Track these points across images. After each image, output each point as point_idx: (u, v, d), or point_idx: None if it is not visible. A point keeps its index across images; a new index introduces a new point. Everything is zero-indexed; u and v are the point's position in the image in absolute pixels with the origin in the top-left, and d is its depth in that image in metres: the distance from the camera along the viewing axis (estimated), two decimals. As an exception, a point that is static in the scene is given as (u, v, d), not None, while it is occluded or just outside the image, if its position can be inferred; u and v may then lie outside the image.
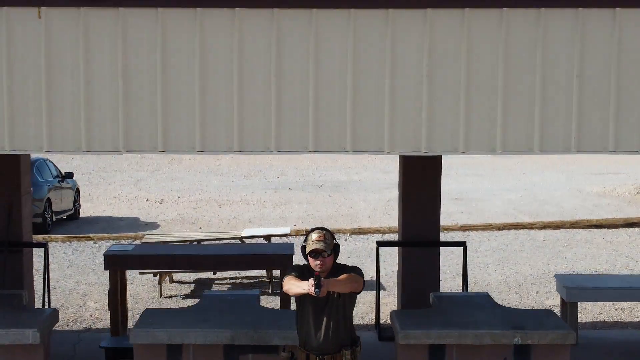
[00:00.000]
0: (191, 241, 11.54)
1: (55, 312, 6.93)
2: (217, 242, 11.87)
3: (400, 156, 9.11)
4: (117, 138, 5.59)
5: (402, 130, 5.64)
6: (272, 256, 8.83)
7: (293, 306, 6.54)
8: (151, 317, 6.47)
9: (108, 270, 8.71)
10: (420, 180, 8.96)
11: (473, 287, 11.58)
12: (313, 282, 5.30)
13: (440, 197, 9.20)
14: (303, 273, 5.59)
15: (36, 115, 5.56)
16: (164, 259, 8.91)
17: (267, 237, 11.74)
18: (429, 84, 5.60)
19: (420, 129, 5.64)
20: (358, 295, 5.70)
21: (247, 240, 12.13)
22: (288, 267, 6.01)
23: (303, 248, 5.60)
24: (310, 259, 5.54)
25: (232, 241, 11.75)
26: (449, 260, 13.09)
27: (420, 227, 9.18)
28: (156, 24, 5.51)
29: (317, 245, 5.47)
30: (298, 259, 8.84)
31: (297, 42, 5.56)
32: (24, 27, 5.50)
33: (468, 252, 14.44)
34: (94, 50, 5.53)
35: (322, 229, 5.63)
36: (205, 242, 11.85)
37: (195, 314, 6.53)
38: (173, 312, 6.70)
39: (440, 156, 8.64)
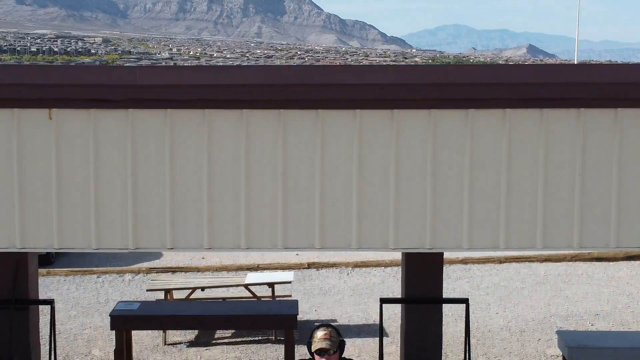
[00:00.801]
0: (194, 288, 11.63)
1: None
2: (221, 285, 11.98)
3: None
4: (126, 236, 5.68)
5: (406, 228, 5.74)
6: (276, 317, 8.92)
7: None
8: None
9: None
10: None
11: (475, 334, 11.66)
12: (320, 378, 5.41)
13: (443, 254, 9.28)
14: (309, 368, 5.68)
15: (46, 213, 5.65)
16: (170, 319, 9.00)
17: (271, 284, 11.84)
18: (433, 182, 5.69)
19: (425, 226, 5.73)
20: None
21: (249, 283, 12.18)
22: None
23: (309, 345, 5.69)
24: (316, 356, 5.62)
25: (235, 287, 11.89)
26: (450, 300, 13.15)
27: (423, 283, 9.27)
28: (165, 124, 5.61)
29: (323, 344, 5.56)
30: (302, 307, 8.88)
31: (302, 142, 5.66)
32: (35, 128, 5.59)
33: (469, 289, 14.62)
34: (104, 150, 5.62)
35: (328, 326, 5.71)
36: (209, 285, 11.95)
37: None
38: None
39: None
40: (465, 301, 9.75)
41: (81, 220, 5.65)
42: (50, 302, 9.53)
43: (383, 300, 9.64)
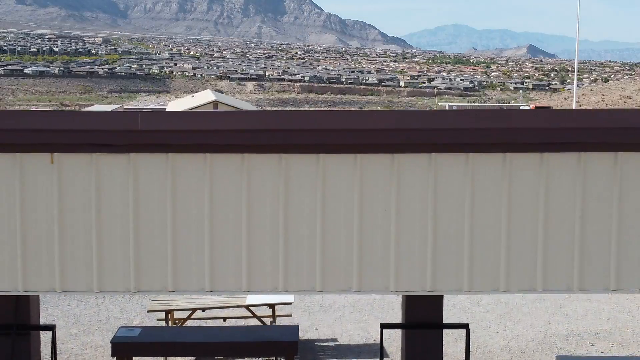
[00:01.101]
0: (195, 309, 11.65)
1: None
2: (221, 308, 12.00)
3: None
4: (128, 279, 5.70)
5: (407, 271, 5.76)
6: (277, 343, 8.93)
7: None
8: None
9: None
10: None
11: (475, 354, 11.68)
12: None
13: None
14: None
15: (48, 257, 5.67)
16: (171, 346, 9.02)
17: (272, 305, 11.86)
18: (434, 227, 5.71)
19: (425, 269, 5.75)
20: None
21: (249, 304, 12.21)
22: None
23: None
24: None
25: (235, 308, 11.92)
26: (450, 317, 13.18)
27: (423, 309, 9.29)
28: (166, 169, 5.62)
29: (324, 388, 5.60)
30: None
31: (304, 185, 5.68)
32: (37, 172, 5.61)
33: (470, 305, 14.64)
34: (106, 194, 5.64)
35: (329, 368, 5.75)
36: (210, 306, 11.97)
37: None
38: None
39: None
40: (465, 326, 9.77)
41: (83, 263, 5.67)
42: (51, 328, 9.55)
43: (383, 326, 9.67)
